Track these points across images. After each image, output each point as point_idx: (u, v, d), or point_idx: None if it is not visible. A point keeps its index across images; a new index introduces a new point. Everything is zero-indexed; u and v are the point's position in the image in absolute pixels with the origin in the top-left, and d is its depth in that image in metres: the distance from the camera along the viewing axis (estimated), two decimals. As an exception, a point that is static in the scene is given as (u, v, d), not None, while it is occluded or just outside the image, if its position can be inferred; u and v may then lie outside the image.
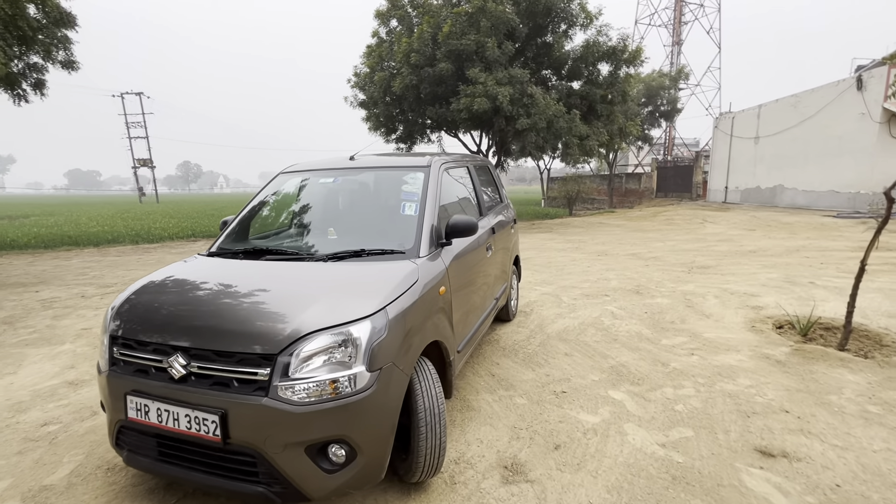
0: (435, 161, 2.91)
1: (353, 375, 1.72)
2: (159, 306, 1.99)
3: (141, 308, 2.01)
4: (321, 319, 1.77)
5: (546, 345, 3.99)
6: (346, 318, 1.78)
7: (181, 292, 2.06)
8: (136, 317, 1.97)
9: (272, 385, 1.68)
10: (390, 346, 1.84)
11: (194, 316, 1.88)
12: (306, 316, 1.78)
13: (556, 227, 14.80)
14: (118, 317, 2.02)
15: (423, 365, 2.15)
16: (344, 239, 2.64)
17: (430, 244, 2.43)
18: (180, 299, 2.00)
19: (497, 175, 4.61)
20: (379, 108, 16.21)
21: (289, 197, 3.09)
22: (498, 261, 3.76)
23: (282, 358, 1.69)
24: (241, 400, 1.70)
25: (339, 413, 1.70)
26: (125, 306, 2.06)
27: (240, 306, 1.88)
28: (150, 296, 2.08)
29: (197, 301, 1.96)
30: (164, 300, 2.02)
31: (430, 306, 2.22)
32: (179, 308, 1.94)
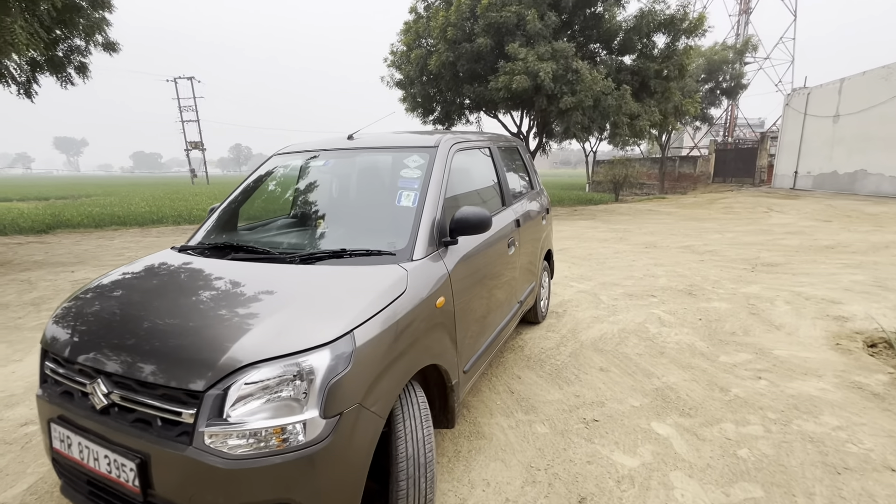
0: (444, 140, 2.41)
1: (303, 422, 1.31)
2: (94, 317, 1.65)
3: (76, 317, 1.69)
4: (265, 346, 1.36)
5: (578, 356, 3.46)
6: (297, 345, 1.36)
7: (122, 301, 1.72)
8: (69, 328, 1.65)
9: (197, 431, 1.29)
10: (357, 383, 1.41)
11: (124, 333, 1.53)
12: (247, 341, 1.37)
13: (600, 215, 13.86)
14: (54, 326, 1.71)
15: (409, 396, 1.72)
16: (333, 234, 2.23)
17: (430, 243, 1.97)
18: (117, 310, 1.65)
19: (528, 158, 4.04)
20: (415, 87, 15.70)
21: (280, 182, 2.70)
22: (524, 258, 3.24)
23: (211, 396, 1.30)
24: (162, 446, 1.33)
25: (284, 471, 1.29)
26: (63, 313, 1.75)
27: (175, 324, 1.50)
28: (90, 303, 1.75)
29: (132, 314, 1.61)
30: (101, 309, 1.68)
31: (423, 323, 1.76)
32: (113, 321, 1.60)
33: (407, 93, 16.66)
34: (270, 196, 2.70)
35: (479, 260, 2.35)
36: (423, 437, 1.65)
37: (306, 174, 2.67)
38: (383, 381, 1.51)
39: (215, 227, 2.44)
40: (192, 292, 1.68)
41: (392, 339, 1.57)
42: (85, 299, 1.79)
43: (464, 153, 2.64)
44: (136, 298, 1.71)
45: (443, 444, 2.39)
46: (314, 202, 2.59)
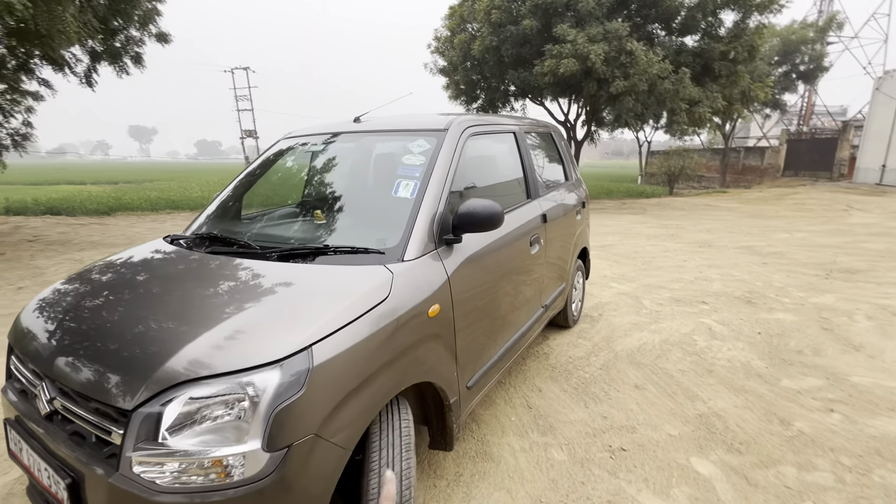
0: (457, 123, 2.11)
1: (242, 455, 1.09)
2: (56, 314, 1.53)
3: (42, 312, 1.57)
4: (207, 361, 1.15)
5: (611, 368, 3.08)
6: (242, 361, 1.15)
7: (87, 297, 1.58)
8: (32, 323, 1.54)
9: (124, 455, 1.11)
10: (313, 409, 1.18)
11: (77, 334, 1.38)
12: (188, 353, 1.18)
13: (651, 209, 12.95)
14: (21, 319, 1.61)
15: (389, 419, 1.47)
16: (324, 227, 2.01)
17: (427, 241, 1.70)
18: (79, 308, 1.51)
19: (565, 145, 3.65)
20: (459, 74, 15.34)
21: (283, 168, 2.52)
22: (552, 257, 2.89)
23: (140, 415, 1.11)
24: (93, 467, 1.17)
25: (218, 512, 1.09)
26: (33, 306, 1.64)
27: (124, 328, 1.33)
28: (60, 297, 1.63)
29: (92, 313, 1.46)
30: (66, 306, 1.55)
31: (411, 335, 1.51)
32: (71, 320, 1.46)
33: (450, 80, 16.32)
34: (272, 182, 2.53)
35: (490, 260, 2.05)
36: (401, 470, 1.40)
37: (308, 160, 2.47)
38: (351, 405, 1.28)
39: (214, 215, 2.29)
40: (155, 292, 1.51)
41: (366, 356, 1.32)
42: (58, 292, 1.68)
43: (481, 138, 2.33)
44: (101, 296, 1.57)
45: (443, 465, 2.14)
46: (312, 191, 2.39)
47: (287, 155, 2.53)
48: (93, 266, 1.85)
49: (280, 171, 2.56)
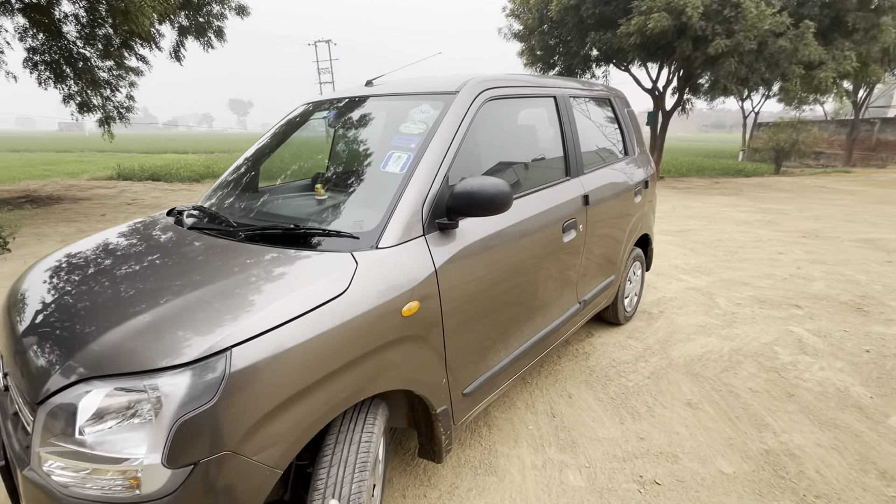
0: (471, 85, 1.78)
1: (138, 469, 0.95)
2: (25, 290, 1.48)
3: (27, 283, 1.55)
4: (111, 356, 1.02)
5: (661, 378, 2.63)
6: (148, 361, 0.99)
7: (54, 275, 1.49)
8: (16, 292, 1.53)
9: (32, 449, 1.02)
10: (227, 421, 1.00)
11: (24, 314, 1.31)
12: (99, 344, 1.05)
13: (749, 189, 11.34)
14: (11, 288, 1.62)
15: (347, 429, 1.28)
16: (324, 203, 1.82)
17: (411, 226, 1.43)
18: (41, 286, 1.45)
19: (627, 114, 3.10)
20: (535, 38, 14.34)
21: (297, 138, 2.36)
22: (594, 244, 2.48)
23: (45, 409, 1.01)
24: (19, 454, 1.10)
25: (118, 529, 0.97)
26: (15, 281, 1.64)
27: (63, 313, 1.23)
28: (38, 272, 1.58)
29: (45, 293, 1.38)
30: (34, 282, 1.50)
31: (375, 337, 1.27)
32: (27, 299, 1.39)
33: (526, 45, 15.37)
34: (287, 153, 2.38)
35: (500, 249, 1.74)
36: (349, 494, 1.20)
37: (322, 129, 2.28)
38: (283, 418, 1.09)
39: (227, 185, 2.19)
40: (114, 273, 1.40)
41: (308, 361, 1.12)
42: (48, 265, 1.64)
43: (506, 103, 1.97)
44: (65, 274, 1.49)
45: (439, 472, 1.93)
46: (321, 162, 2.20)
47: (302, 123, 2.36)
48: (90, 239, 1.82)
49: (294, 140, 2.40)
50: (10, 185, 11.27)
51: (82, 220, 6.97)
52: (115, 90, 9.89)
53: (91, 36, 8.92)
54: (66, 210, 7.93)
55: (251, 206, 1.90)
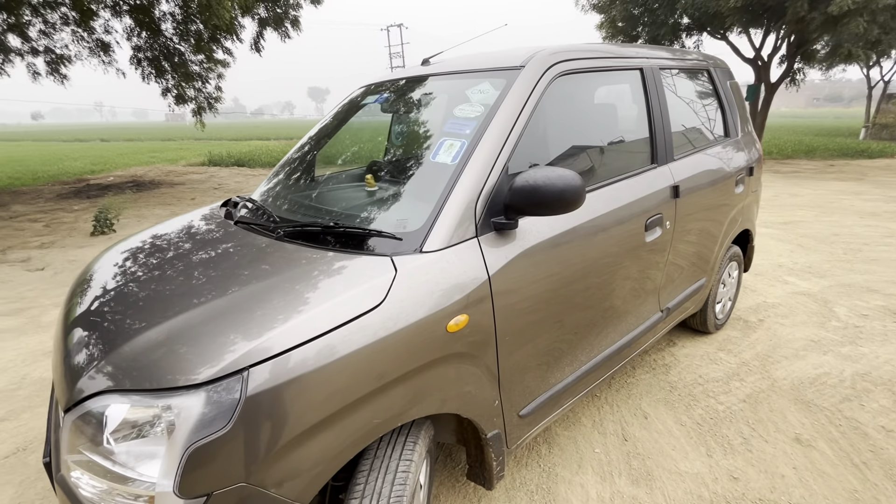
0: (540, 58, 1.51)
1: (150, 496, 0.87)
2: (79, 288, 1.47)
3: (75, 284, 1.55)
4: (130, 369, 0.94)
5: (761, 403, 2.22)
6: (164, 379, 0.90)
7: (107, 272, 1.47)
8: (67, 298, 1.52)
9: (61, 455, 0.99)
10: (243, 451, 0.89)
11: (72, 316, 1.29)
12: (121, 354, 0.98)
13: (874, 174, 9.63)
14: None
15: (384, 457, 1.13)
16: (372, 196, 1.67)
17: (463, 226, 1.23)
18: (102, 282, 1.42)
19: (730, 88, 2.62)
20: (616, 8, 13.21)
21: (354, 122, 2.23)
22: (684, 243, 2.12)
23: (70, 418, 0.97)
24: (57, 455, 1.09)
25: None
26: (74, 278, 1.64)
27: (104, 316, 1.19)
28: (93, 269, 1.57)
29: (98, 294, 1.34)
30: (94, 275, 1.50)
31: (414, 357, 1.11)
32: (81, 300, 1.37)
33: (606, 16, 14.23)
34: (341, 137, 2.27)
35: (568, 252, 1.48)
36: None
37: (378, 112, 2.13)
38: (307, 447, 0.96)
39: (279, 178, 2.14)
40: (153, 274, 1.35)
41: (336, 384, 0.98)
42: (103, 261, 1.64)
43: (581, 78, 1.67)
44: (120, 270, 1.47)
45: (491, 494, 1.75)
46: (371, 146, 2.06)
47: (357, 108, 2.23)
48: (143, 232, 1.82)
49: (353, 125, 2.28)
50: (121, 170, 12.71)
51: (175, 204, 7.62)
52: (205, 82, 10.65)
53: (185, 32, 9.63)
54: (163, 194, 8.73)
55: (297, 198, 1.80)
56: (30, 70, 10.07)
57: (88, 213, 6.94)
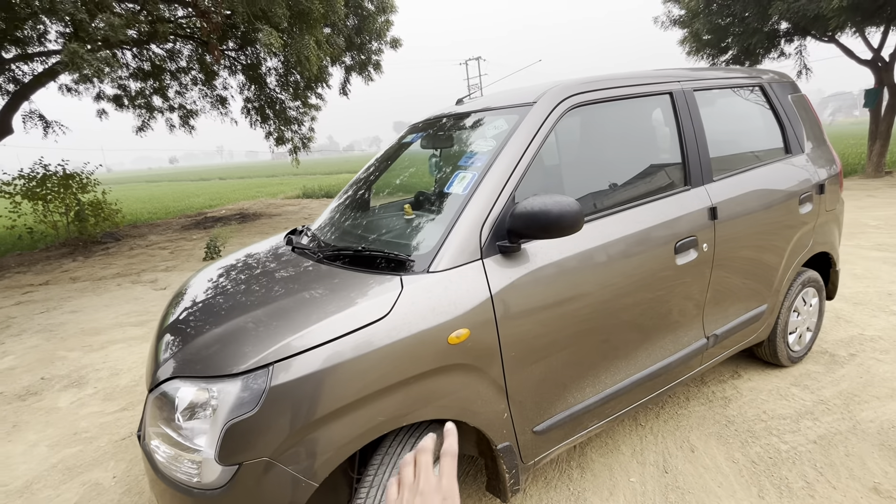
0: (551, 94, 1.62)
1: (200, 461, 1.11)
2: (174, 301, 1.83)
3: (172, 298, 1.93)
4: (193, 361, 1.21)
5: (835, 445, 1.98)
6: (212, 368, 1.15)
7: (194, 288, 1.81)
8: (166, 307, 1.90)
9: (146, 429, 1.28)
10: (267, 430, 1.09)
11: (164, 320, 1.64)
12: (190, 350, 1.26)
13: None
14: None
15: (393, 455, 1.28)
16: (407, 224, 1.87)
17: (467, 249, 1.37)
18: (190, 294, 1.77)
19: (790, 102, 2.46)
20: (699, 21, 12.58)
21: (401, 159, 2.49)
22: (731, 267, 2.02)
23: (152, 397, 1.25)
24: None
25: (185, 507, 1.15)
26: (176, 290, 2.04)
27: (187, 321, 1.50)
28: (182, 288, 1.95)
29: (178, 308, 1.65)
30: (178, 296, 1.85)
31: (416, 364, 1.25)
32: (174, 309, 1.71)
33: (689, 31, 13.58)
34: (393, 172, 2.53)
35: (579, 274, 1.53)
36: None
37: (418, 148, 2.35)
38: (320, 434, 1.14)
39: (334, 209, 2.43)
40: (224, 288, 1.65)
41: (343, 381, 1.16)
42: (202, 276, 2.03)
43: (599, 108, 1.75)
44: (211, 284, 1.81)
45: (516, 511, 1.79)
46: (416, 180, 2.28)
47: (405, 146, 2.49)
48: (228, 256, 2.20)
49: (405, 159, 2.53)
50: (232, 204, 14.64)
51: (270, 232, 8.62)
52: (300, 125, 12.04)
53: (285, 83, 11.05)
54: (262, 224, 9.92)
55: (344, 227, 2.06)
56: (167, 123, 12.20)
57: (203, 241, 8.13)
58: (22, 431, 2.64)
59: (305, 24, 6.78)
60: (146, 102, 11.19)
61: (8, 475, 2.26)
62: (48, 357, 3.68)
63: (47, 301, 5.33)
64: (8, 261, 7.88)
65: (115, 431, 2.56)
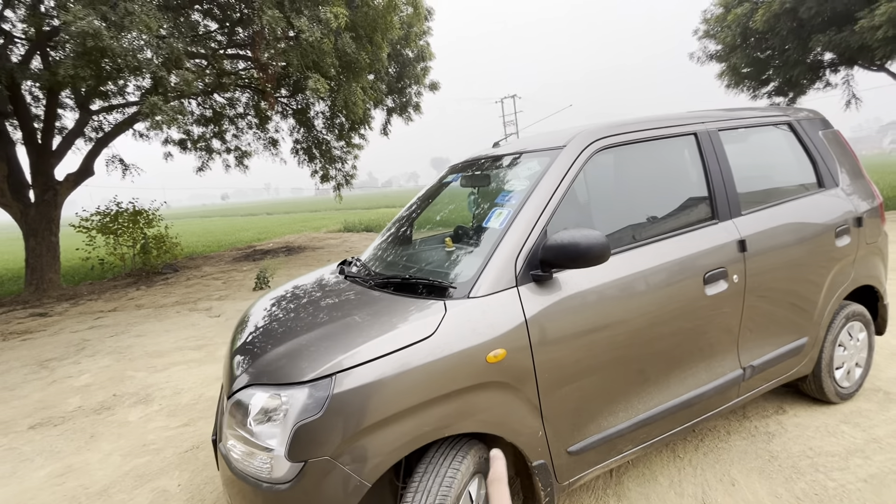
0: (579, 138, 1.80)
1: (271, 457, 1.28)
2: (242, 322, 2.08)
3: (239, 320, 2.17)
4: (267, 371, 1.41)
5: (887, 487, 1.92)
6: (285, 376, 1.34)
7: (261, 310, 2.05)
8: (236, 327, 2.15)
9: (223, 431, 1.48)
10: (329, 433, 1.26)
11: (238, 337, 1.87)
12: (263, 361, 1.46)
13: None
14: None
15: (436, 465, 1.40)
16: (448, 256, 2.05)
17: (504, 277, 1.53)
18: (252, 318, 2.00)
19: (821, 138, 2.51)
20: (736, 55, 12.59)
21: (441, 197, 2.71)
22: (765, 298, 2.07)
23: (230, 403, 1.45)
24: (220, 434, 1.60)
25: (255, 500, 1.31)
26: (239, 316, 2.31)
27: (255, 337, 1.72)
28: (249, 311, 2.19)
29: (254, 324, 1.90)
30: (248, 316, 2.09)
31: (456, 380, 1.39)
32: (243, 328, 1.95)
33: (727, 65, 13.59)
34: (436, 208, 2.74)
35: (609, 302, 1.65)
36: (428, 525, 1.31)
37: (457, 188, 2.57)
38: (373, 438, 1.29)
39: (381, 241, 2.65)
40: (287, 309, 1.88)
41: (393, 393, 1.31)
42: (265, 302, 2.28)
43: (626, 149, 1.90)
44: (273, 308, 2.05)
45: (552, 535, 1.83)
46: (444, 219, 2.48)
47: (445, 185, 2.71)
48: (287, 283, 2.45)
49: (445, 197, 2.75)
50: (278, 238, 15.47)
51: (315, 265, 9.06)
52: (344, 163, 12.77)
53: (330, 125, 11.86)
54: (307, 256, 10.44)
55: (391, 258, 2.27)
56: (224, 164, 13.26)
57: (252, 272, 8.66)
58: (98, 442, 2.93)
59: (352, 73, 7.40)
60: (206, 145, 12.26)
61: (88, 479, 2.52)
62: (119, 376, 4.04)
63: (116, 326, 5.84)
64: (81, 289, 8.66)
65: (178, 444, 2.80)
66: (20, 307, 7.57)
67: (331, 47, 6.42)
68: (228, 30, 9.51)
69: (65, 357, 4.73)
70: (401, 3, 8.48)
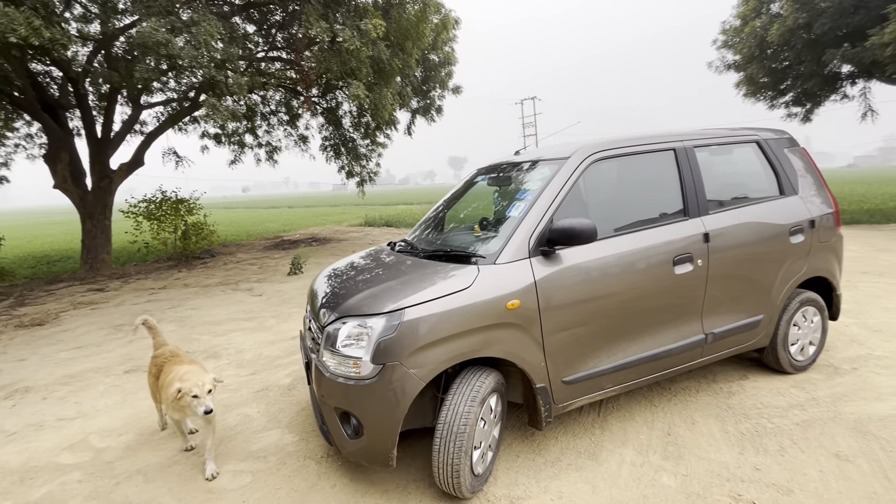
0: (581, 151, 2.39)
1: (361, 362, 1.91)
2: (320, 283, 2.73)
3: (316, 283, 2.83)
4: (354, 308, 2.04)
5: (812, 427, 2.47)
6: (370, 310, 1.98)
7: (338, 274, 2.71)
8: (312, 289, 2.81)
9: (320, 349, 2.12)
10: (399, 346, 1.88)
11: (319, 293, 2.52)
12: (348, 302, 2.10)
13: None
14: (311, 287, 2.97)
15: (469, 378, 2.02)
16: (478, 237, 2.66)
17: (520, 251, 2.14)
18: (331, 279, 2.66)
19: (783, 154, 3.05)
20: (753, 66, 12.90)
21: (467, 196, 3.32)
22: (723, 280, 2.62)
23: (326, 331, 2.09)
24: (312, 356, 2.24)
25: (348, 391, 1.95)
26: (314, 279, 2.98)
27: (342, 289, 2.36)
28: (325, 274, 2.85)
29: (334, 283, 2.56)
30: (325, 278, 2.75)
31: (485, 318, 2.00)
32: (324, 287, 2.61)
33: (744, 74, 13.90)
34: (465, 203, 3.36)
35: (597, 273, 2.24)
36: (463, 411, 1.93)
37: (482, 187, 3.18)
38: (429, 352, 1.91)
39: (421, 227, 3.29)
40: (361, 272, 2.54)
41: (442, 323, 1.93)
42: (326, 271, 2.93)
43: (616, 161, 2.49)
44: (343, 272, 2.71)
45: (550, 449, 2.43)
46: (472, 212, 3.09)
47: (473, 184, 3.33)
48: (344, 258, 3.11)
49: (472, 194, 3.37)
50: (303, 230, 16.27)
51: (341, 254, 9.75)
52: (368, 161, 13.47)
53: (358, 124, 12.57)
54: (333, 247, 11.15)
55: (433, 238, 2.91)
56: (255, 158, 14.07)
57: (284, 259, 9.39)
58: (184, 383, 3.61)
59: (384, 78, 8.06)
60: (239, 140, 13.07)
61: (185, 407, 3.19)
62: (186, 338, 4.75)
63: (171, 300, 6.59)
64: (129, 269, 9.51)
65: (250, 387, 3.47)
66: (78, 283, 8.42)
67: (367, 55, 7.07)
68: (266, 32, 10.26)
69: (133, 323, 5.48)
70: (431, 15, 9.09)
